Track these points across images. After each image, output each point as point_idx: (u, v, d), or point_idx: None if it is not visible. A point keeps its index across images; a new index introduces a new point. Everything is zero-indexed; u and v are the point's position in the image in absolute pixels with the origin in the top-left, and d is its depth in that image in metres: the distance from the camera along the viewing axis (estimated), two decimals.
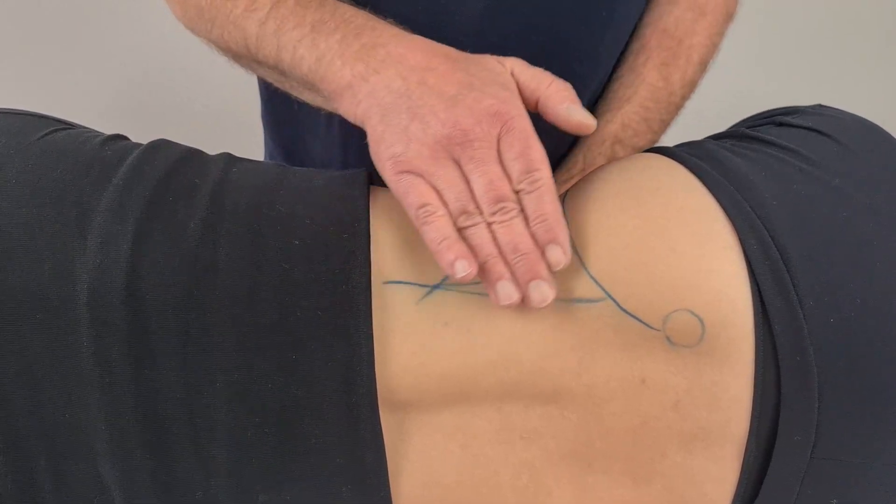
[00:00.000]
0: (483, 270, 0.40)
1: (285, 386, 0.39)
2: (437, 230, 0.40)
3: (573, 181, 0.61)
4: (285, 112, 0.71)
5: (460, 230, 0.41)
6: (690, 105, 0.66)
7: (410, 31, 0.53)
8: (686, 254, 0.40)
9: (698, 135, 0.52)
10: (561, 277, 0.41)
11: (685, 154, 0.45)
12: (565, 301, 0.40)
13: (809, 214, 0.40)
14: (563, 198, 0.46)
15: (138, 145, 0.44)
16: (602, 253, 0.41)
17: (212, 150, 0.47)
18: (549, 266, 0.40)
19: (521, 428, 0.41)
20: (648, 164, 0.46)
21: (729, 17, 0.66)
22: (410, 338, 0.41)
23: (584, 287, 0.40)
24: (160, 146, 0.44)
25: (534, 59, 0.58)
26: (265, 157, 0.80)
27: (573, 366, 0.40)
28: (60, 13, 1.29)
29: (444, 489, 0.41)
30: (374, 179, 0.47)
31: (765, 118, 0.50)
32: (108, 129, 0.46)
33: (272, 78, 0.53)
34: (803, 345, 0.37)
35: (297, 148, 0.73)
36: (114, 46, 1.30)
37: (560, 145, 0.67)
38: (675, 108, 0.65)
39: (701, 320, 0.38)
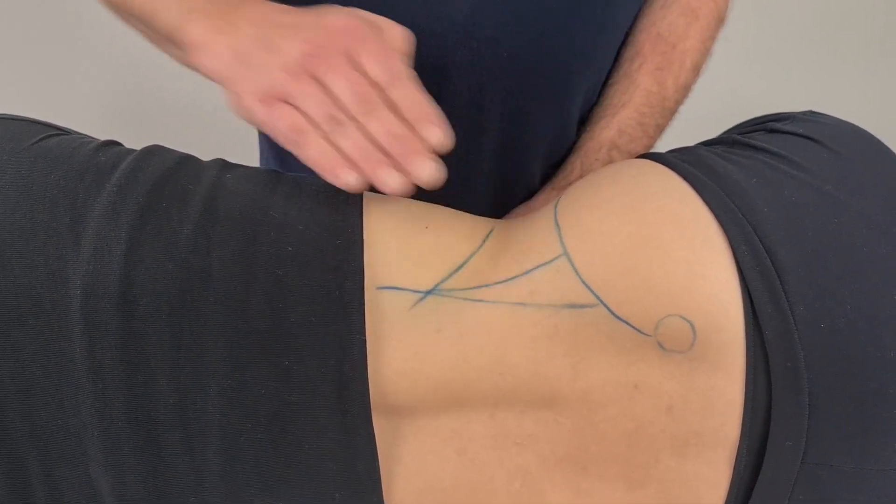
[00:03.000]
0: (365, 167, 0.41)
1: (278, 392, 0.39)
2: (314, 149, 0.42)
3: None
4: None
5: (333, 137, 0.42)
6: (684, 109, 0.66)
7: (404, 18, 0.54)
8: (678, 260, 0.40)
9: (692, 139, 0.52)
10: (553, 283, 0.41)
11: (677, 160, 0.45)
12: (558, 307, 0.41)
13: (801, 221, 0.40)
14: (556, 203, 0.46)
15: (132, 151, 0.44)
16: (595, 259, 0.41)
17: (206, 155, 0.47)
18: (431, 148, 0.41)
19: (515, 433, 0.41)
20: (641, 170, 0.46)
21: (720, 21, 0.66)
22: (404, 343, 0.41)
23: (576, 293, 0.41)
24: (154, 152, 0.44)
25: (527, 54, 0.58)
26: (260, 161, 0.80)
27: (567, 371, 0.40)
28: (55, 18, 1.29)
29: (439, 494, 0.41)
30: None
31: (756, 124, 0.50)
32: (101, 135, 0.46)
33: (137, 27, 0.54)
34: (794, 350, 0.37)
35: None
36: (108, 52, 1.30)
37: (557, 151, 0.67)
38: (670, 112, 0.65)
39: (693, 326, 0.38)
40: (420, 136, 0.41)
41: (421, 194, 0.49)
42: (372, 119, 0.41)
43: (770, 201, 0.41)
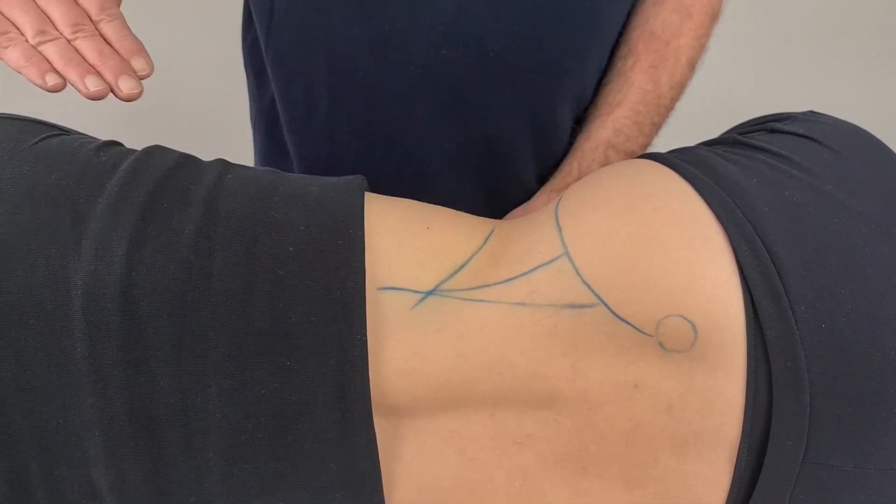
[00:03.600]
0: (70, 71, 0.43)
1: (279, 392, 0.39)
2: (19, 51, 0.43)
3: None
4: (273, 111, 0.71)
5: (40, 45, 0.43)
6: (681, 107, 0.66)
7: (389, 17, 0.54)
8: (679, 259, 0.40)
9: (692, 139, 0.52)
10: (554, 283, 0.41)
11: (677, 160, 0.45)
12: (558, 306, 0.41)
13: (801, 221, 0.40)
14: (557, 203, 0.46)
15: (133, 151, 0.44)
16: (595, 258, 0.41)
17: (206, 155, 0.47)
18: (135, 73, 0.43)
19: (514, 433, 0.41)
20: (641, 169, 0.46)
21: (714, 16, 0.66)
22: (404, 344, 0.41)
23: (576, 292, 0.41)
24: (155, 152, 0.44)
25: (515, 51, 0.59)
26: (255, 159, 0.80)
27: (566, 371, 0.40)
28: None
29: (439, 494, 0.41)
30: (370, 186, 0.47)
31: (757, 125, 0.50)
32: (102, 135, 0.46)
33: None
34: (795, 350, 0.37)
35: (284, 144, 0.74)
36: None
37: (554, 150, 0.67)
38: (666, 110, 0.65)
39: (693, 325, 0.39)
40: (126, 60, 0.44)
41: (412, 185, 0.49)
42: (82, 39, 0.43)
43: (771, 201, 0.41)
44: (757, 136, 0.47)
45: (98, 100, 0.44)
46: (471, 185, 0.66)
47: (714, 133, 0.53)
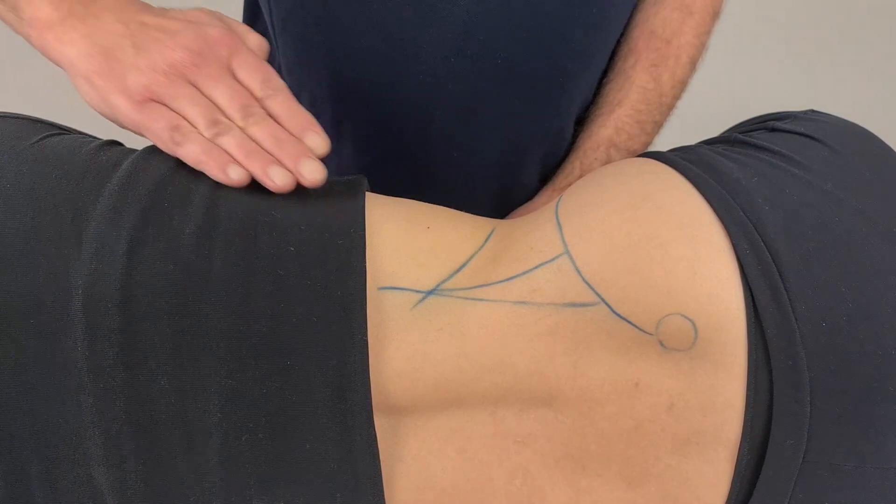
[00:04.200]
0: (252, 164, 0.42)
1: (279, 392, 0.39)
2: (196, 147, 0.42)
3: None
4: None
5: (216, 138, 0.42)
6: (681, 106, 0.66)
7: (397, 28, 0.53)
8: (679, 258, 0.40)
9: (692, 138, 0.52)
10: (554, 281, 0.41)
11: (678, 159, 0.45)
12: (559, 305, 0.41)
13: (801, 219, 0.40)
14: (558, 202, 0.46)
15: (133, 151, 0.44)
16: (595, 257, 0.41)
17: None
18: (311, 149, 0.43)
19: (515, 432, 0.41)
20: (642, 168, 0.46)
21: (715, 14, 0.66)
22: (405, 343, 0.41)
23: (577, 291, 0.41)
24: (155, 152, 0.44)
25: (524, 58, 0.58)
26: None
27: (567, 369, 0.40)
28: None
29: (439, 493, 0.41)
30: (370, 186, 0.47)
31: (757, 123, 0.50)
32: (103, 135, 0.46)
33: None
34: (795, 348, 0.37)
35: None
36: None
37: (557, 152, 0.67)
38: (667, 108, 0.65)
39: (694, 324, 0.39)
40: (301, 141, 0.43)
41: (422, 197, 0.49)
42: (253, 125, 0.42)
43: (771, 200, 0.41)
44: (757, 135, 0.47)
45: (285, 192, 0.42)
46: (477, 191, 0.66)
47: (715, 132, 0.53)
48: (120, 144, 0.45)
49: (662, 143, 0.61)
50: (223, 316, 0.38)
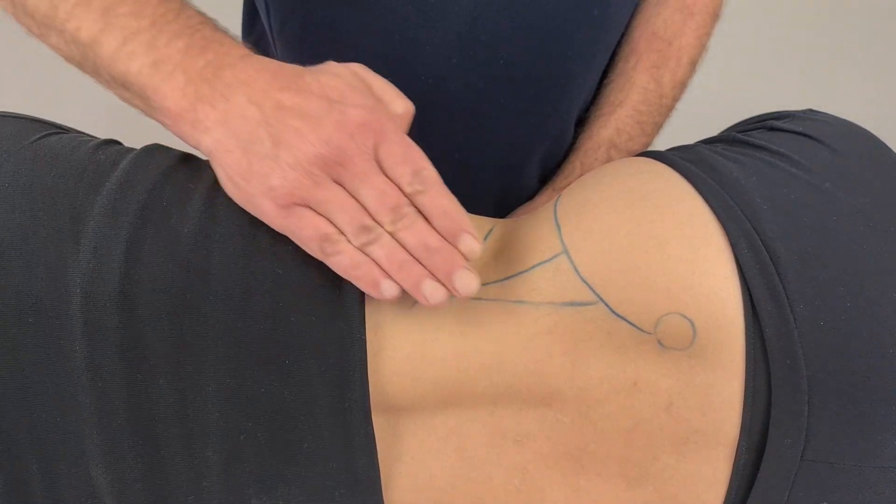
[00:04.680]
0: (405, 279, 0.39)
1: (278, 390, 0.39)
2: (348, 259, 0.39)
3: None
4: None
5: (365, 247, 0.39)
6: (680, 105, 0.66)
7: (399, 27, 0.52)
8: (677, 257, 0.40)
9: (691, 137, 0.52)
10: (553, 281, 0.41)
11: (677, 158, 0.45)
12: (557, 304, 0.41)
13: (800, 218, 0.40)
14: (556, 202, 0.46)
15: (132, 150, 0.44)
16: (594, 256, 0.41)
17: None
18: (464, 256, 0.40)
19: (514, 431, 0.41)
20: (640, 168, 0.46)
21: (715, 16, 0.66)
22: (404, 343, 0.41)
23: (575, 290, 0.41)
24: (154, 151, 0.44)
25: (525, 61, 0.58)
26: None
27: (566, 369, 0.40)
28: None
29: (438, 492, 0.41)
30: None
31: (756, 123, 0.50)
32: (101, 134, 0.46)
33: (64, 50, 0.45)
34: (793, 348, 0.37)
35: None
36: None
37: (558, 153, 0.67)
38: (667, 109, 0.65)
39: (692, 323, 0.39)
40: (454, 247, 0.40)
41: None
42: (406, 231, 0.39)
43: (769, 199, 0.41)
44: (756, 134, 0.47)
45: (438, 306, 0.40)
46: (478, 191, 0.66)
47: (713, 131, 0.53)
48: (118, 143, 0.45)
49: (661, 143, 0.61)
50: (222, 315, 0.38)
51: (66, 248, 0.39)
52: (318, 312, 0.39)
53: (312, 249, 0.39)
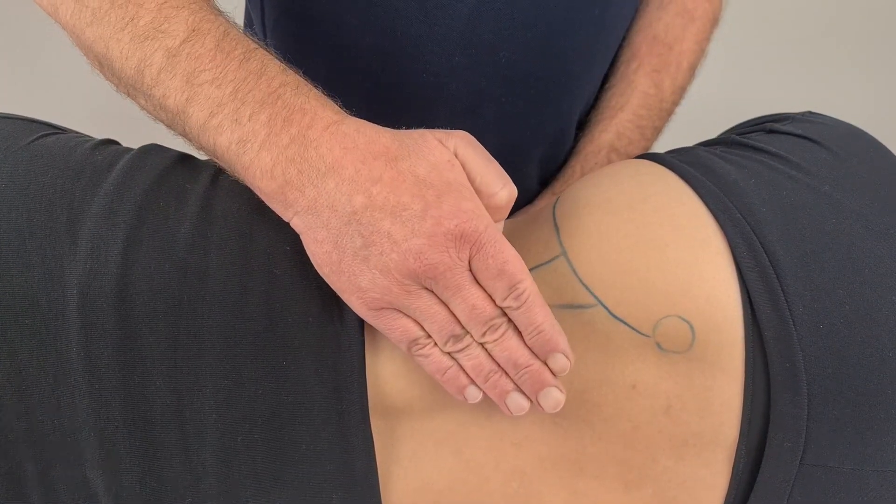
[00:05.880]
0: (491, 390, 0.39)
1: (275, 392, 0.38)
2: (434, 363, 0.39)
3: None
4: None
5: (454, 353, 0.39)
6: (683, 110, 0.66)
7: (401, 25, 0.51)
8: (677, 260, 0.40)
9: (690, 140, 0.52)
10: (552, 283, 0.41)
11: (676, 161, 0.45)
12: (556, 307, 0.41)
13: (799, 221, 0.40)
14: (555, 204, 0.46)
15: (129, 150, 0.44)
16: (593, 259, 0.41)
17: (203, 155, 0.46)
18: (553, 372, 0.39)
19: (512, 434, 0.41)
20: (639, 170, 0.46)
21: (715, 21, 0.67)
22: None
23: (575, 293, 0.40)
24: (151, 151, 0.43)
25: (525, 59, 0.58)
26: None
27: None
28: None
29: (436, 495, 0.41)
30: None
31: (755, 125, 0.50)
32: (98, 134, 0.46)
33: (152, 112, 0.43)
34: (792, 351, 0.37)
35: None
36: None
37: (558, 155, 0.67)
38: (667, 114, 0.65)
39: (691, 326, 0.38)
40: (545, 365, 0.39)
41: None
42: (496, 345, 0.39)
43: (768, 201, 0.41)
44: (755, 137, 0.47)
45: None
46: None
47: (712, 134, 0.53)
48: (116, 143, 0.45)
49: (660, 146, 0.61)
50: (219, 315, 0.38)
51: (63, 249, 0.39)
52: (315, 313, 0.39)
53: (400, 347, 0.39)
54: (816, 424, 0.37)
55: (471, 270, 0.38)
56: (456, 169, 0.39)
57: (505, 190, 0.40)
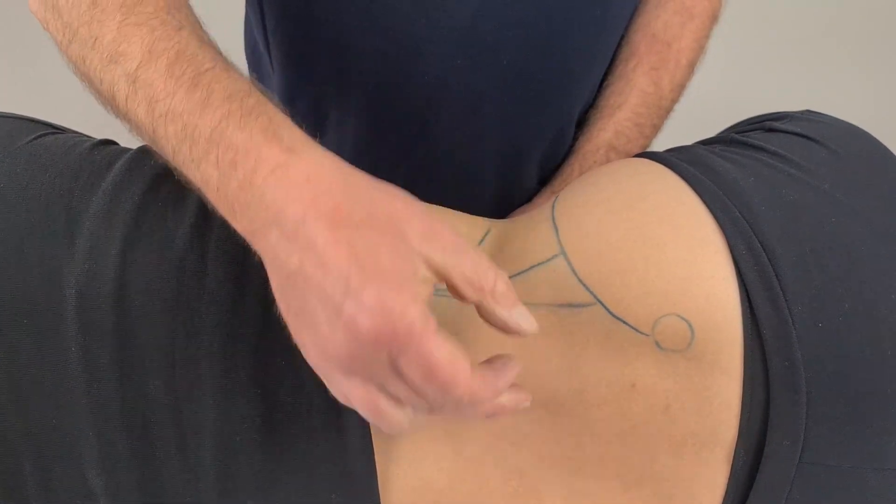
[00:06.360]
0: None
1: (273, 391, 0.38)
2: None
3: None
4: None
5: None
6: (682, 109, 0.66)
7: (402, 27, 0.50)
8: (676, 259, 0.40)
9: (689, 138, 0.52)
10: (550, 282, 0.41)
11: (675, 159, 0.45)
12: (554, 306, 0.40)
13: (798, 219, 0.40)
14: (554, 203, 0.46)
15: (127, 150, 0.44)
16: (592, 257, 0.41)
17: None
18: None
19: (510, 433, 0.41)
20: (638, 168, 0.46)
21: (714, 18, 0.66)
22: None
23: (573, 292, 0.40)
24: (149, 152, 0.43)
25: (526, 60, 0.58)
26: None
27: (563, 370, 0.40)
28: None
29: (435, 494, 0.41)
30: None
31: (754, 123, 0.50)
32: (97, 134, 0.46)
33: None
34: (792, 350, 0.37)
35: None
36: None
37: (557, 154, 0.67)
38: (666, 111, 0.65)
39: (690, 325, 0.38)
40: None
41: (422, 197, 0.48)
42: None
43: (767, 200, 0.41)
44: (754, 135, 0.47)
45: None
46: (477, 192, 0.66)
47: (711, 132, 0.53)
48: (114, 144, 0.45)
49: (659, 144, 0.61)
50: (217, 315, 0.38)
51: (61, 249, 0.39)
52: None
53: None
54: (815, 423, 0.37)
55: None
56: (403, 256, 0.34)
57: (500, 278, 0.36)
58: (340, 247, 0.33)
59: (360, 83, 0.59)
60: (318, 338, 0.33)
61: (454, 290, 0.35)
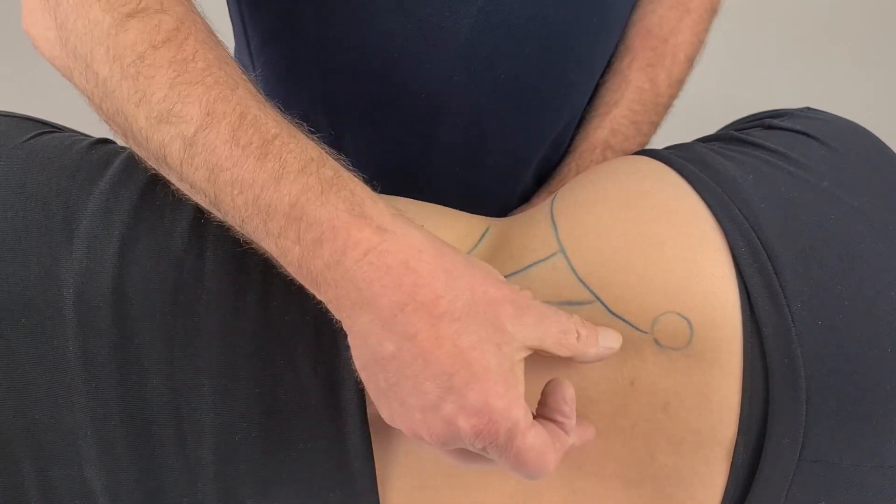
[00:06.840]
0: None
1: (272, 390, 0.38)
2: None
3: None
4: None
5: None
6: (677, 103, 0.65)
7: (398, 46, 0.50)
8: (675, 256, 0.40)
9: (689, 136, 0.52)
10: (549, 280, 0.41)
11: (674, 157, 0.45)
12: (554, 304, 0.40)
13: (798, 217, 0.40)
14: (552, 201, 0.46)
15: (125, 149, 0.44)
16: (591, 255, 0.41)
17: None
18: None
19: None
20: (637, 166, 0.46)
21: (713, 11, 0.66)
22: None
23: (573, 290, 0.40)
24: None
25: (527, 72, 0.58)
26: None
27: (562, 368, 0.40)
28: None
29: (434, 493, 0.41)
30: None
31: (753, 121, 0.50)
32: (95, 133, 0.46)
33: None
34: (791, 347, 0.37)
35: None
36: None
37: (555, 155, 0.67)
38: (664, 108, 0.64)
39: (690, 323, 0.38)
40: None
41: (422, 200, 0.48)
42: None
43: (767, 197, 0.41)
44: (753, 133, 0.47)
45: None
46: (478, 198, 0.65)
47: (710, 129, 0.52)
48: (112, 142, 0.45)
49: (658, 141, 0.61)
50: (216, 313, 0.38)
51: (59, 248, 0.38)
52: (312, 311, 0.39)
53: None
54: (815, 420, 0.37)
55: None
56: (505, 351, 0.34)
57: (579, 325, 0.37)
58: (443, 342, 0.33)
59: (354, 103, 0.59)
60: (408, 421, 0.34)
61: (547, 354, 0.37)
